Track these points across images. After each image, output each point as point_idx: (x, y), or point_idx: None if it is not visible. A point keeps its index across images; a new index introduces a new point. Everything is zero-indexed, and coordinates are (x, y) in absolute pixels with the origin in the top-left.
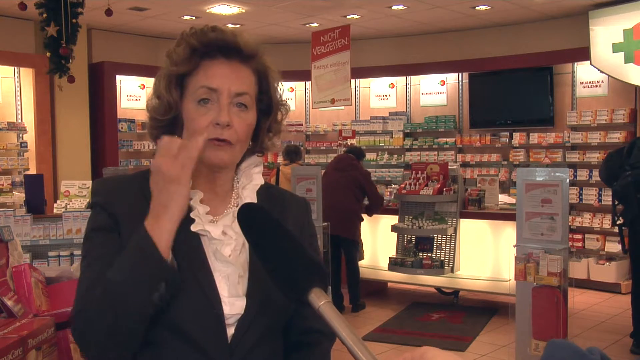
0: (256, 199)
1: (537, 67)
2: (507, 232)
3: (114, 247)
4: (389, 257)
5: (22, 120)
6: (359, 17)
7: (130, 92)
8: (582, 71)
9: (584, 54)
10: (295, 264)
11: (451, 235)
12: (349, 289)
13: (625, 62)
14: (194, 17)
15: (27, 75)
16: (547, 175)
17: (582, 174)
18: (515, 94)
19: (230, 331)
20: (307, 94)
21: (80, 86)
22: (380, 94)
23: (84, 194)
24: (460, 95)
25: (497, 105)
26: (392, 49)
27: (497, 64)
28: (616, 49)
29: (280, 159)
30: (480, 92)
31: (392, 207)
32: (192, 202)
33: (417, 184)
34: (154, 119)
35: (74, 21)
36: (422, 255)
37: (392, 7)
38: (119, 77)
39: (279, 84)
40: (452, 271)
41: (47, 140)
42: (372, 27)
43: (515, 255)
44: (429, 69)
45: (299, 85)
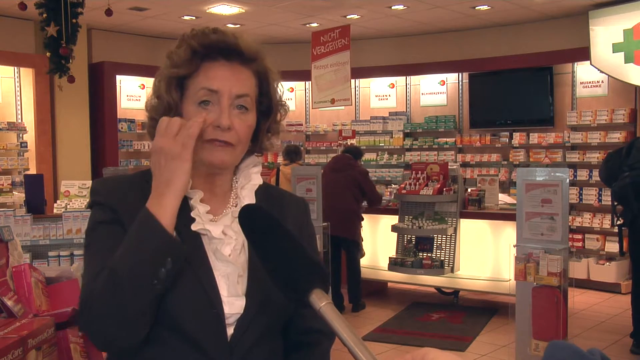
0: (255, 199)
1: (537, 67)
2: (507, 232)
3: (119, 238)
4: (389, 257)
5: (22, 120)
6: (359, 17)
7: (130, 92)
8: (582, 71)
9: (584, 54)
10: (296, 264)
11: (451, 235)
12: (349, 289)
13: (625, 62)
14: (194, 17)
15: (27, 75)
16: (547, 175)
17: (582, 174)
18: (515, 94)
19: (229, 331)
20: (307, 94)
21: (80, 86)
22: (380, 94)
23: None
24: (460, 95)
25: (497, 105)
26: (392, 49)
27: (497, 64)
28: (616, 49)
29: (280, 159)
30: (480, 92)
31: (392, 207)
32: (192, 201)
33: (417, 184)
34: (154, 119)
35: (74, 21)
36: (422, 255)
37: (392, 7)
38: (119, 77)
39: (279, 85)
40: (452, 271)
41: (47, 140)
42: (372, 27)
43: (515, 255)
44: (429, 69)
45: (299, 85)
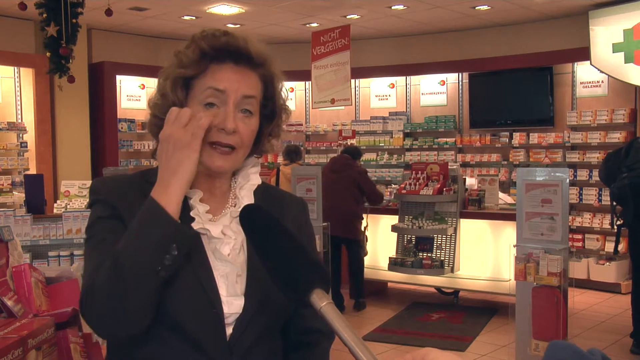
0: (253, 199)
1: (537, 67)
2: (507, 232)
3: (120, 233)
4: (389, 257)
5: (22, 120)
6: (359, 17)
7: (130, 92)
8: (582, 71)
9: (584, 54)
10: (296, 264)
11: (451, 235)
12: (352, 286)
13: (625, 62)
14: (194, 17)
15: (27, 75)
16: (547, 175)
17: (582, 174)
18: (515, 94)
19: (228, 330)
20: (307, 94)
21: (80, 86)
22: (380, 94)
23: (84, 194)
24: (460, 95)
25: (497, 105)
26: (392, 49)
27: (497, 64)
28: (616, 49)
29: (280, 159)
30: (480, 92)
31: (392, 207)
32: (191, 201)
33: (417, 184)
34: (157, 117)
35: (74, 21)
36: (422, 255)
37: (392, 7)
38: (119, 77)
39: (283, 90)
40: (452, 271)
41: (47, 140)
42: (372, 27)
43: (515, 255)
44: (429, 69)
45: (299, 85)
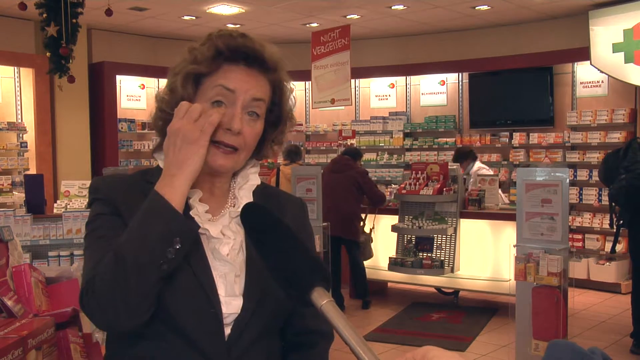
0: (252, 199)
1: (537, 67)
2: (507, 232)
3: (120, 229)
4: (389, 257)
5: (22, 120)
6: (359, 17)
7: (130, 92)
8: (582, 71)
9: (584, 54)
10: (297, 262)
11: (451, 235)
12: (356, 287)
13: (625, 62)
14: (194, 17)
15: (27, 75)
16: (547, 175)
17: (582, 174)
18: (515, 94)
19: (227, 331)
20: (307, 94)
21: (80, 86)
22: (380, 94)
23: (84, 194)
24: (460, 95)
25: (497, 105)
26: (392, 49)
27: (497, 64)
28: (616, 49)
29: (280, 159)
30: (480, 92)
31: (392, 207)
32: (191, 200)
33: (417, 184)
34: (163, 111)
35: (74, 21)
36: (422, 255)
37: (392, 7)
38: (119, 77)
39: (291, 97)
40: (452, 271)
41: (47, 140)
42: (372, 27)
43: (515, 255)
44: (429, 69)
45: (299, 85)
